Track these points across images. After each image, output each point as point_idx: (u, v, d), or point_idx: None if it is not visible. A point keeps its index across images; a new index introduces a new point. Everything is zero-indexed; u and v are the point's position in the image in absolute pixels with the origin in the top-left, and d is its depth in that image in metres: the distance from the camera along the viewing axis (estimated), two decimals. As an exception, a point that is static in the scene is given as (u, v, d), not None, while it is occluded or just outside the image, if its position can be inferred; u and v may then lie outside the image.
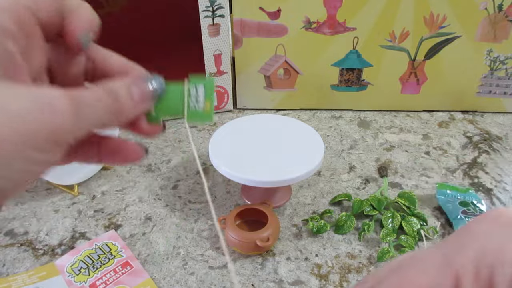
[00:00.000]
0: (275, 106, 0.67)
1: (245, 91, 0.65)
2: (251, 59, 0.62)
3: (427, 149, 0.59)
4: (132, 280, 0.40)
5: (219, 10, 0.56)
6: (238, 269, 0.42)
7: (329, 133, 0.62)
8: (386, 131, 0.62)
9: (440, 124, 0.64)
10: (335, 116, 0.66)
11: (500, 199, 0.50)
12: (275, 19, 0.58)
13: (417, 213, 0.46)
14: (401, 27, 0.59)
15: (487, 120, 0.65)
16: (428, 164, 0.56)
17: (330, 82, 0.64)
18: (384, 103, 0.66)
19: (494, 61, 0.61)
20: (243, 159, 0.44)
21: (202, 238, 0.45)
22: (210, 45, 0.58)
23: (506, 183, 0.53)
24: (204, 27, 0.56)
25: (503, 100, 0.65)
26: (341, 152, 0.58)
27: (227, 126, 0.49)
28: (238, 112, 0.67)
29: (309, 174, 0.43)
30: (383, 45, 0.60)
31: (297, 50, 0.61)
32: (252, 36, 0.60)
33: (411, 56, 0.61)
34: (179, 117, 0.25)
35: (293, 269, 0.42)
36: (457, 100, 0.66)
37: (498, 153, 0.58)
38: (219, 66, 0.61)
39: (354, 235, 0.45)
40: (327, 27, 0.59)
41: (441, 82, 0.63)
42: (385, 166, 0.55)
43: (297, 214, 0.48)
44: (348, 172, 0.54)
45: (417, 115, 0.66)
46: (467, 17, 0.58)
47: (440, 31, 0.59)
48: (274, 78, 0.64)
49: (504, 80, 0.63)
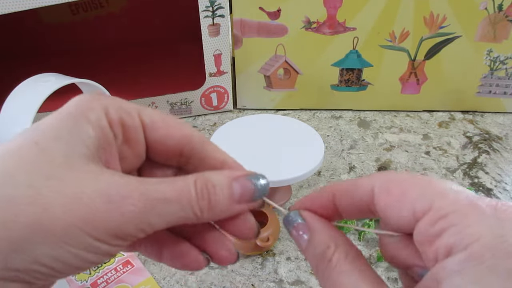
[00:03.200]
0: (275, 106, 0.67)
1: (245, 91, 0.65)
2: (251, 59, 0.62)
3: (427, 149, 0.59)
4: (133, 279, 0.40)
5: (219, 10, 0.56)
6: (238, 269, 0.42)
7: (329, 133, 0.62)
8: (386, 131, 0.62)
9: (440, 124, 0.64)
10: (335, 116, 0.66)
11: (500, 199, 0.50)
12: (275, 19, 0.58)
13: (417, 213, 0.46)
14: (401, 27, 0.59)
15: (487, 120, 0.65)
16: (428, 164, 0.56)
17: (330, 82, 0.64)
18: (384, 103, 0.66)
19: (494, 61, 0.61)
20: (243, 159, 0.44)
21: (202, 238, 0.45)
22: (210, 45, 0.58)
23: (506, 183, 0.53)
24: (204, 27, 0.56)
25: (503, 100, 0.65)
26: (341, 152, 0.58)
27: (227, 126, 0.50)
28: (238, 112, 0.67)
29: (309, 174, 0.43)
30: (383, 45, 0.60)
31: (297, 50, 0.61)
32: (252, 36, 0.60)
33: (411, 56, 0.61)
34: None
35: (293, 269, 0.42)
36: (457, 100, 0.66)
37: (498, 153, 0.58)
38: (219, 66, 0.61)
39: (354, 235, 0.45)
40: (327, 27, 0.59)
41: (441, 82, 0.63)
42: (385, 166, 0.55)
43: (297, 214, 0.48)
44: (348, 172, 0.54)
45: (417, 115, 0.66)
46: (467, 17, 0.58)
47: (440, 31, 0.59)
48: (274, 78, 0.64)
49: (504, 80, 0.63)
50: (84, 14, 0.78)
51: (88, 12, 0.78)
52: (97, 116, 0.19)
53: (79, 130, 0.19)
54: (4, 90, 0.48)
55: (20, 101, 0.46)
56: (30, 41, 0.77)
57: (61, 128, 0.19)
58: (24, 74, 0.49)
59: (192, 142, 0.22)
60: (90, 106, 0.19)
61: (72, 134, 0.19)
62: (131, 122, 0.20)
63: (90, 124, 0.19)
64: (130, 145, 0.21)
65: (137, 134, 0.21)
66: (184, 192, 0.19)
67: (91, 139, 0.19)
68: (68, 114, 0.19)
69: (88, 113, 0.19)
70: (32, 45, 0.77)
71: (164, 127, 0.21)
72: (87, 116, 0.19)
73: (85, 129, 0.19)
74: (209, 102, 0.64)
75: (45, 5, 0.48)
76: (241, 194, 0.21)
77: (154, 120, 0.21)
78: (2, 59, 0.75)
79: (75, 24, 0.78)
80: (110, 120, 0.20)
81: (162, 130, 0.21)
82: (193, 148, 0.22)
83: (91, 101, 0.20)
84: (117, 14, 0.80)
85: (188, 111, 0.64)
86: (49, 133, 0.18)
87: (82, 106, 0.19)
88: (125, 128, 0.20)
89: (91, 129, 0.19)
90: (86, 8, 0.77)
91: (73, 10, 0.77)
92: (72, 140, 0.18)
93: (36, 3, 0.47)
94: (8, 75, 0.60)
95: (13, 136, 0.19)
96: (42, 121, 0.20)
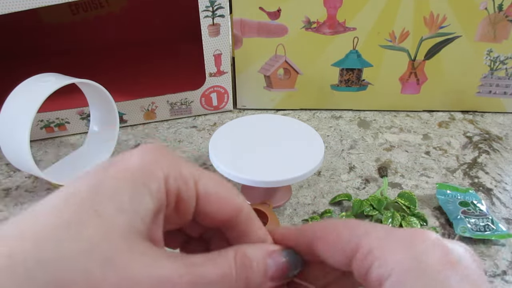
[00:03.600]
0: (275, 106, 0.67)
1: (245, 91, 0.65)
2: (251, 59, 0.62)
3: (427, 149, 0.59)
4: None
5: (219, 10, 0.56)
6: (238, 269, 0.42)
7: (329, 133, 0.62)
8: (386, 131, 0.62)
9: (440, 124, 0.64)
10: (335, 116, 0.66)
11: (500, 199, 0.50)
12: (275, 19, 0.58)
13: (417, 213, 0.46)
14: (401, 27, 0.59)
15: (487, 120, 0.65)
16: (428, 164, 0.56)
17: (330, 82, 0.64)
18: (384, 103, 0.66)
19: (494, 61, 0.61)
20: (243, 159, 0.44)
21: (202, 238, 0.45)
22: (210, 45, 0.58)
23: (506, 183, 0.53)
24: (204, 27, 0.56)
25: (503, 100, 0.65)
26: (341, 152, 0.58)
27: (227, 126, 0.49)
28: (238, 112, 0.67)
29: (309, 174, 0.43)
30: (383, 45, 0.60)
31: (297, 50, 0.61)
32: (252, 36, 0.60)
33: (411, 56, 0.61)
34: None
35: (293, 269, 0.42)
36: (457, 100, 0.66)
37: (498, 153, 0.58)
38: (219, 66, 0.61)
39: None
40: (327, 27, 0.59)
41: (441, 82, 0.63)
42: (385, 166, 0.55)
43: (297, 214, 0.48)
44: (348, 172, 0.54)
45: (417, 115, 0.66)
46: (467, 17, 0.58)
47: (440, 31, 0.59)
48: (274, 78, 0.64)
49: (504, 80, 0.63)
50: (84, 14, 0.78)
51: (88, 12, 0.78)
52: (158, 186, 0.19)
53: (141, 201, 0.18)
54: (4, 90, 0.48)
55: (20, 101, 0.46)
56: (30, 41, 0.77)
57: (122, 198, 0.18)
58: (24, 74, 0.49)
59: (239, 217, 0.22)
60: (153, 173, 0.19)
61: (133, 206, 0.18)
62: (186, 194, 0.20)
63: (150, 195, 0.18)
64: (179, 213, 0.21)
65: (189, 205, 0.21)
66: (227, 272, 0.19)
67: (148, 211, 0.18)
68: (130, 179, 0.18)
69: (150, 181, 0.18)
70: (32, 45, 0.77)
71: (217, 201, 0.21)
72: (149, 185, 0.18)
73: (145, 201, 0.18)
74: (209, 102, 0.64)
75: (45, 5, 0.48)
76: (275, 271, 0.21)
77: (209, 192, 0.21)
78: (2, 59, 0.75)
79: (75, 24, 0.78)
80: (168, 190, 0.19)
81: (215, 204, 0.21)
82: (239, 222, 0.22)
83: (153, 164, 0.19)
84: (117, 14, 0.79)
85: (188, 111, 0.64)
86: (110, 201, 0.17)
87: (145, 170, 0.19)
88: (179, 198, 0.20)
89: (151, 202, 0.18)
90: (86, 8, 0.77)
91: (73, 10, 0.77)
92: (133, 213, 0.18)
93: (36, 3, 0.47)
94: (8, 75, 0.60)
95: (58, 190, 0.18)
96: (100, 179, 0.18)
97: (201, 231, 0.24)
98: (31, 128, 0.44)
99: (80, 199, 0.17)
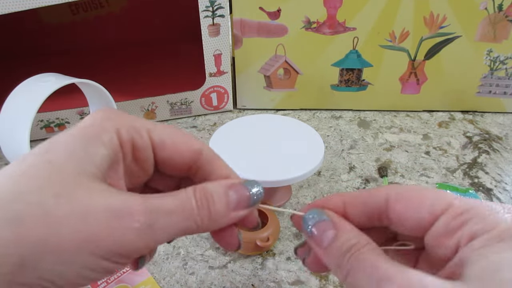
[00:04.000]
0: (275, 106, 0.67)
1: (245, 91, 0.65)
2: (251, 59, 0.62)
3: (427, 149, 0.59)
4: (133, 279, 0.40)
5: (219, 10, 0.56)
6: (238, 269, 0.42)
7: (329, 133, 0.62)
8: (386, 131, 0.62)
9: (440, 124, 0.64)
10: (335, 116, 0.66)
11: (500, 199, 0.50)
12: (275, 19, 0.58)
13: (417, 213, 0.46)
14: (401, 27, 0.59)
15: (487, 120, 0.65)
16: (428, 164, 0.56)
17: (330, 82, 0.64)
18: (384, 103, 0.66)
19: (494, 61, 0.61)
20: (243, 159, 0.45)
21: (202, 238, 0.45)
22: (210, 45, 0.58)
23: (506, 183, 0.53)
24: (204, 27, 0.56)
25: (503, 100, 0.65)
26: (341, 152, 0.58)
27: (227, 126, 0.50)
28: (238, 112, 0.67)
29: (309, 174, 0.43)
30: (383, 45, 0.60)
31: (297, 50, 0.61)
32: (252, 36, 0.60)
33: (411, 56, 0.61)
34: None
35: (293, 269, 0.42)
36: (457, 100, 0.66)
37: (498, 153, 0.58)
38: (219, 66, 0.61)
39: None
40: (327, 27, 0.59)
41: (441, 82, 0.63)
42: (385, 166, 0.55)
43: (297, 214, 0.48)
44: (348, 172, 0.54)
45: (417, 115, 0.66)
46: (467, 17, 0.58)
47: (440, 31, 0.59)
48: (274, 78, 0.64)
49: (504, 80, 0.63)
50: (84, 14, 0.78)
51: (88, 12, 0.78)
52: (109, 137, 0.20)
53: (92, 150, 0.20)
54: (4, 90, 0.48)
55: (20, 101, 0.46)
56: (30, 41, 0.77)
57: (75, 147, 0.19)
58: (24, 74, 0.49)
59: (200, 159, 0.23)
60: (104, 127, 0.20)
61: (85, 154, 0.19)
62: (141, 142, 0.21)
63: (103, 145, 0.20)
64: (139, 163, 0.22)
65: (146, 153, 0.22)
66: (186, 203, 0.20)
67: (103, 159, 0.20)
68: (83, 134, 0.20)
69: (102, 133, 0.20)
70: (32, 45, 0.77)
71: (173, 146, 0.22)
72: (100, 136, 0.20)
73: (97, 150, 0.20)
74: (209, 102, 0.64)
75: (45, 5, 0.48)
76: (238, 201, 0.21)
77: (164, 139, 0.22)
78: (2, 59, 0.75)
79: (75, 24, 0.78)
80: (121, 140, 0.21)
81: (171, 149, 0.22)
82: (201, 164, 0.23)
83: (105, 121, 0.21)
84: (117, 14, 0.80)
85: (188, 111, 0.64)
86: (63, 152, 0.19)
87: (96, 126, 0.20)
88: (135, 148, 0.21)
89: (103, 150, 0.20)
90: (86, 8, 0.77)
91: (73, 10, 0.77)
92: (85, 160, 0.19)
93: (36, 3, 0.47)
94: (8, 75, 0.60)
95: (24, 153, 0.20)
96: (56, 138, 0.20)
97: (173, 185, 0.25)
98: (31, 128, 0.44)
99: (36, 154, 0.19)
